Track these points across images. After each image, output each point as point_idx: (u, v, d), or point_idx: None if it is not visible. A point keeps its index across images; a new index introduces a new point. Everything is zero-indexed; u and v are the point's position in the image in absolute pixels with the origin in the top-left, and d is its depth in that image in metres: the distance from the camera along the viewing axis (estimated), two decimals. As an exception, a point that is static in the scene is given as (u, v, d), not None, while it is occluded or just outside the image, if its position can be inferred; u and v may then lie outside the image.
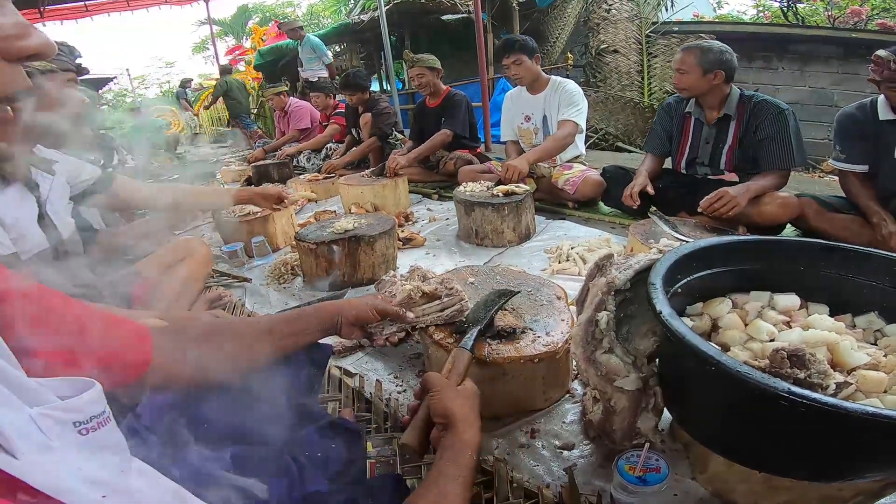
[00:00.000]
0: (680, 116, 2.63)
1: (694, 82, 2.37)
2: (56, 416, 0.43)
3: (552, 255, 2.38)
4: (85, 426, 0.45)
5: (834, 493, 0.91)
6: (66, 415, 0.44)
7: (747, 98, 2.38)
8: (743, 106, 2.38)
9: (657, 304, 0.82)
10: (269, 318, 1.07)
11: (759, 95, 2.38)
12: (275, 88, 5.71)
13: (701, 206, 2.19)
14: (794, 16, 6.97)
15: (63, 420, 0.43)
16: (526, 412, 1.30)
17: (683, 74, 2.38)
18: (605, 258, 1.06)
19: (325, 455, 0.96)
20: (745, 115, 2.36)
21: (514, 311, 1.38)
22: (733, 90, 2.40)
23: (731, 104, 2.39)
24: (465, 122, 3.83)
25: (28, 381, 0.44)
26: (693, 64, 2.34)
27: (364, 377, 1.53)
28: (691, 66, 2.34)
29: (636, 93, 6.73)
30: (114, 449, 0.48)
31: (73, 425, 0.44)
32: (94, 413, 0.46)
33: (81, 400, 0.46)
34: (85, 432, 0.45)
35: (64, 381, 0.48)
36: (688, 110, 2.58)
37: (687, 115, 2.59)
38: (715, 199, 2.15)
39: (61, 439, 0.42)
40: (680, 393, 0.97)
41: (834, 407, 0.59)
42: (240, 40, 16.15)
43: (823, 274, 1.03)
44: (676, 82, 2.43)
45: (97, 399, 0.47)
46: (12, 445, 0.38)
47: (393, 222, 2.33)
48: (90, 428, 0.45)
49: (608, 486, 1.04)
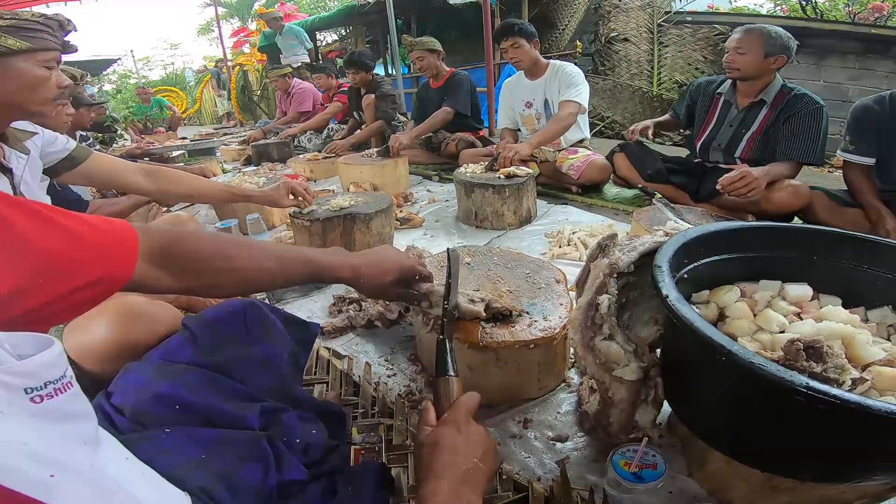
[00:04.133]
0: (709, 96, 2.59)
1: (751, 64, 2.29)
2: (5, 381, 0.37)
3: (553, 240, 2.32)
4: (38, 393, 0.38)
5: (836, 495, 0.86)
6: (16, 379, 0.37)
7: (788, 89, 2.33)
8: (782, 95, 2.32)
9: (663, 287, 0.76)
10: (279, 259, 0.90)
11: (800, 88, 2.33)
12: (279, 70, 5.65)
13: (720, 184, 2.13)
14: (814, 10, 6.82)
15: (12, 385, 0.37)
16: (519, 401, 1.25)
17: (741, 55, 2.29)
18: (609, 238, 1.00)
19: (306, 441, 0.90)
20: (781, 104, 2.31)
21: (510, 292, 1.32)
22: (777, 78, 2.35)
23: (770, 91, 2.34)
24: (468, 102, 3.78)
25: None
26: (756, 45, 2.26)
27: (353, 359, 1.48)
28: (754, 47, 2.26)
29: (645, 82, 6.61)
30: (75, 419, 0.42)
31: (23, 392, 0.38)
32: (49, 378, 0.39)
33: (34, 362, 0.39)
34: (38, 400, 0.38)
35: (26, 338, 0.41)
36: (719, 91, 2.53)
37: (717, 95, 2.55)
38: (737, 178, 2.09)
39: (9, 407, 0.36)
40: (683, 385, 0.91)
41: (857, 405, 0.53)
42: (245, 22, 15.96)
43: (836, 264, 0.97)
44: (730, 61, 2.34)
45: (54, 361, 0.40)
46: None
47: (390, 201, 2.27)
48: (45, 395, 0.39)
49: (601, 481, 0.99)
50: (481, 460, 0.69)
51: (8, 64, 1.17)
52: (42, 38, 1.21)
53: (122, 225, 0.73)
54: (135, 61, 17.41)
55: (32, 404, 0.38)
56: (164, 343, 0.94)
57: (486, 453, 0.71)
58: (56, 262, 0.60)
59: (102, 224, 0.69)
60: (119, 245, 0.70)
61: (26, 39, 1.18)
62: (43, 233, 0.60)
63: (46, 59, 1.23)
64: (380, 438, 1.18)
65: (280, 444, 0.83)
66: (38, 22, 1.20)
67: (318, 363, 1.48)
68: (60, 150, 1.59)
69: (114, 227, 0.71)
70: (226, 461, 0.74)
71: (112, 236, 0.70)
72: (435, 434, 0.72)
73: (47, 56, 1.23)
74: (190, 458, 0.72)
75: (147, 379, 0.84)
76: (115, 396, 0.82)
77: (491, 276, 1.41)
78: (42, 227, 0.60)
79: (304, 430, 0.93)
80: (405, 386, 1.36)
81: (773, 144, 2.33)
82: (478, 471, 0.68)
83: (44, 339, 0.42)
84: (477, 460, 0.69)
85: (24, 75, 1.19)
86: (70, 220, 0.64)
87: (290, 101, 5.73)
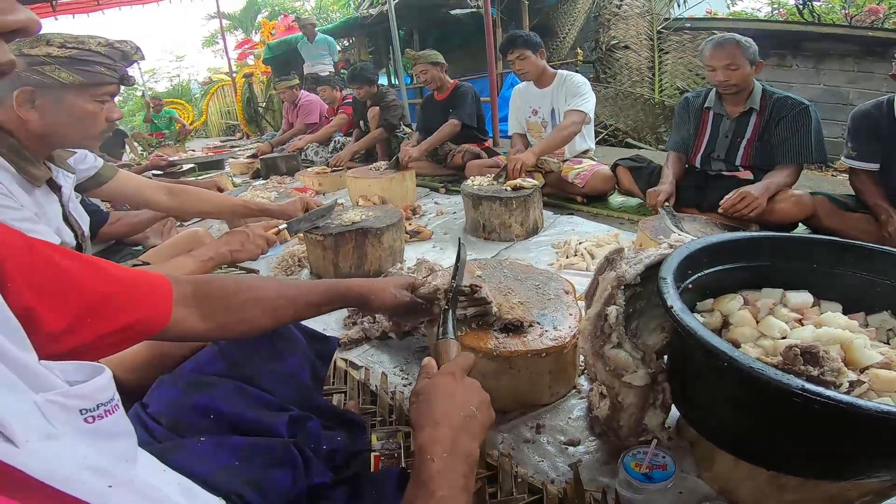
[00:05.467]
0: (697, 112, 2.60)
1: (743, 77, 2.30)
2: (62, 402, 0.41)
3: (560, 250, 2.36)
4: (91, 414, 0.43)
5: (841, 492, 0.90)
6: (73, 401, 0.41)
7: (769, 93, 2.36)
8: (766, 100, 2.36)
9: (668, 298, 0.80)
10: (297, 286, 0.97)
11: (780, 91, 2.36)
12: (287, 82, 5.72)
13: (722, 207, 2.17)
14: (811, 13, 6.87)
15: (69, 407, 0.41)
16: (531, 407, 1.30)
17: (735, 70, 2.28)
18: (616, 252, 1.05)
19: (330, 447, 0.95)
20: (768, 109, 2.35)
21: (522, 304, 1.37)
22: (756, 84, 2.38)
23: (755, 98, 2.37)
24: (473, 113, 3.81)
25: (35, 366, 0.42)
26: (741, 58, 2.27)
27: (370, 370, 1.53)
28: (740, 60, 2.27)
29: (647, 89, 6.66)
30: (120, 438, 0.46)
31: (78, 412, 0.42)
32: (101, 400, 0.44)
33: (89, 386, 0.44)
34: (91, 420, 0.42)
35: (73, 366, 0.46)
36: (707, 105, 2.55)
37: (705, 110, 2.57)
38: (738, 200, 2.12)
39: (66, 427, 0.40)
40: (689, 389, 0.96)
41: (849, 405, 0.57)
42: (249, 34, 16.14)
43: (836, 272, 1.01)
44: (726, 79, 2.30)
45: (106, 386, 0.45)
46: (13, 433, 0.35)
47: (400, 215, 2.32)
48: (97, 416, 0.43)
49: (613, 482, 1.03)
50: (477, 410, 0.71)
51: (59, 96, 1.16)
52: (98, 72, 1.19)
53: (157, 275, 0.79)
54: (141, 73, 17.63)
55: (85, 424, 0.42)
56: (194, 357, 0.99)
57: (482, 404, 0.73)
58: (103, 304, 0.65)
59: (139, 274, 0.75)
60: (156, 291, 0.76)
61: (81, 73, 1.16)
62: (91, 276, 0.65)
63: (100, 94, 1.21)
64: (398, 445, 1.22)
65: (308, 450, 0.88)
66: (99, 53, 1.18)
67: (335, 374, 1.52)
68: (89, 168, 1.63)
69: (149, 277, 0.77)
70: (258, 467, 0.79)
71: (149, 284, 0.75)
72: (432, 382, 0.74)
73: (101, 91, 1.21)
74: (224, 464, 0.77)
75: (181, 390, 0.89)
76: (152, 406, 0.87)
77: (502, 287, 1.46)
78: (90, 270, 0.66)
79: (329, 437, 0.98)
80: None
81: (770, 148, 2.36)
82: (475, 419, 0.70)
83: (92, 367, 0.47)
84: (474, 408, 0.71)
85: (73, 109, 1.18)
86: (110, 266, 0.70)
87: (296, 112, 5.80)
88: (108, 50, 1.21)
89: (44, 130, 1.19)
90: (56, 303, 0.60)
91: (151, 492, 0.48)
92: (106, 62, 1.20)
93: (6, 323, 0.44)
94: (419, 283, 1.16)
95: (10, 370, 0.39)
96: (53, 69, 1.13)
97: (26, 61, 1.11)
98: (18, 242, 0.58)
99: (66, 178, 1.40)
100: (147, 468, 0.51)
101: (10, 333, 0.43)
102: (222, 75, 12.77)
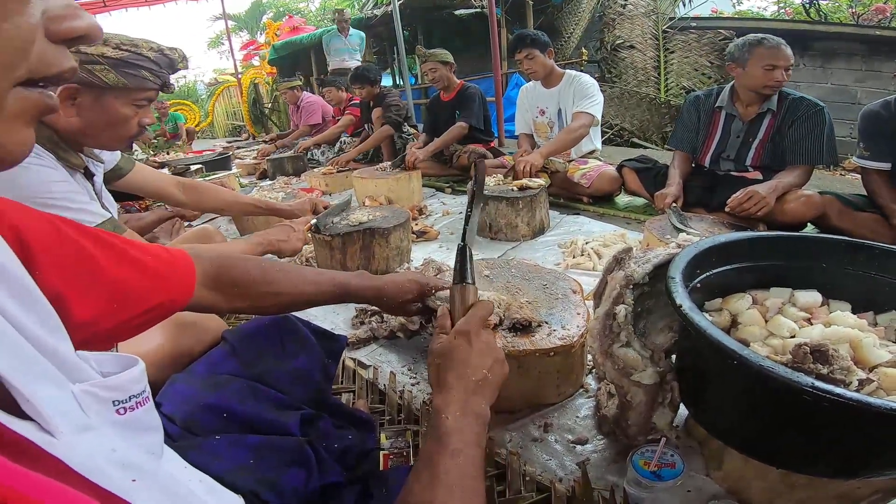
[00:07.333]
0: (708, 111, 2.58)
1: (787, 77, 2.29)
2: (97, 393, 0.41)
3: (566, 250, 2.37)
4: (124, 405, 0.43)
5: (851, 490, 0.90)
6: (107, 392, 0.42)
7: (785, 94, 2.35)
8: (781, 101, 2.35)
9: (677, 297, 0.81)
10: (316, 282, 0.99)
11: (795, 93, 2.35)
12: (289, 83, 5.75)
13: (729, 206, 2.16)
14: (817, 12, 6.84)
15: (103, 398, 0.41)
16: (539, 406, 1.30)
17: (789, 71, 2.27)
18: (624, 252, 1.06)
19: (342, 446, 0.96)
20: (783, 110, 2.34)
21: (530, 303, 1.37)
22: None
23: (773, 100, 2.36)
24: (480, 115, 3.81)
25: (72, 356, 0.43)
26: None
27: (378, 369, 1.54)
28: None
29: (652, 89, 6.64)
30: (149, 430, 0.46)
31: (111, 404, 0.42)
32: (134, 392, 0.44)
33: (123, 378, 0.44)
34: (123, 412, 0.43)
35: (107, 356, 0.47)
36: (718, 105, 2.53)
37: (716, 110, 2.54)
38: (745, 199, 2.12)
39: (99, 417, 0.41)
40: (698, 388, 0.96)
41: (858, 402, 0.58)
42: (254, 35, 16.22)
43: (845, 271, 1.02)
44: (785, 79, 2.26)
45: (139, 377, 0.46)
46: (52, 424, 0.36)
47: (407, 215, 2.33)
48: (129, 407, 0.43)
49: (621, 481, 1.04)
50: (490, 370, 0.75)
51: (100, 96, 1.18)
52: (143, 77, 1.21)
53: (181, 253, 0.80)
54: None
55: (118, 415, 0.43)
56: (207, 356, 1.00)
57: (496, 363, 0.77)
58: (129, 290, 0.66)
59: (164, 253, 0.76)
60: (180, 272, 0.77)
61: (127, 76, 1.18)
62: (116, 262, 0.66)
63: (138, 99, 1.23)
64: (407, 444, 1.23)
65: (321, 448, 0.89)
66: (149, 59, 1.20)
67: (343, 373, 1.53)
68: (110, 161, 1.66)
69: (173, 256, 0.78)
70: (272, 466, 0.80)
71: (173, 264, 0.76)
72: (447, 345, 0.78)
73: (141, 95, 1.23)
74: (239, 462, 0.78)
75: (195, 389, 0.90)
76: (166, 406, 0.88)
77: (510, 287, 1.47)
78: (115, 256, 0.66)
79: (340, 436, 0.99)
80: (429, 393, 1.42)
81: (782, 149, 2.35)
82: (486, 381, 0.74)
83: (127, 359, 0.48)
84: (486, 371, 0.74)
85: (109, 111, 1.20)
86: (136, 249, 0.71)
87: (300, 114, 5.82)
88: (158, 56, 1.23)
89: (78, 128, 1.22)
90: (83, 292, 0.60)
91: (176, 487, 0.49)
92: (153, 68, 1.22)
93: (42, 308, 0.44)
94: (429, 289, 1.15)
95: (48, 360, 0.39)
96: (103, 69, 1.15)
97: (80, 59, 1.12)
98: (46, 228, 0.58)
99: (97, 168, 1.43)
100: (172, 463, 0.52)
101: (45, 319, 0.43)
102: (228, 76, 12.84)
